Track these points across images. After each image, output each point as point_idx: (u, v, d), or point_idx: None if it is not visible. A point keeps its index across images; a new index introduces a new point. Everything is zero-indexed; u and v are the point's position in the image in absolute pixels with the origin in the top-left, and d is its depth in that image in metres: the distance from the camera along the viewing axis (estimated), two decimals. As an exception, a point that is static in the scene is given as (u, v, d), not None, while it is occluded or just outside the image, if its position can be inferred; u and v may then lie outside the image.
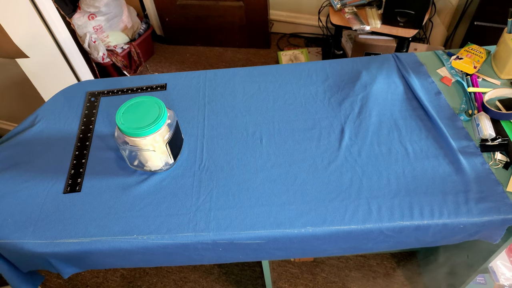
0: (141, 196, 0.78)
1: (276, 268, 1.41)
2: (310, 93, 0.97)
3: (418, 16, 1.54)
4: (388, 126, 0.88)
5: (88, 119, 0.95)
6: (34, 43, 1.33)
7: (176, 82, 1.03)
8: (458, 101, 0.92)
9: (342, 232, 0.72)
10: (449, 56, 1.03)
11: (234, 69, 1.05)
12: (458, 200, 0.73)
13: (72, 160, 0.86)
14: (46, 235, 0.73)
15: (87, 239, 0.72)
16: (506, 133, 0.83)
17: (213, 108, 0.96)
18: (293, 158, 0.83)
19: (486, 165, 0.78)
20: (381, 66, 1.02)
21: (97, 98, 1.00)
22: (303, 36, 2.40)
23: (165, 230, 0.73)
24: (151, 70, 2.31)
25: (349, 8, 1.70)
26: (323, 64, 1.05)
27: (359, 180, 0.78)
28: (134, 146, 0.75)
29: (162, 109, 0.76)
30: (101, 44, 1.98)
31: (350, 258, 1.43)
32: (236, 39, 2.36)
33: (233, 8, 2.19)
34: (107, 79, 1.06)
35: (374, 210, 0.73)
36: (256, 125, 0.91)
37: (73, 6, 1.97)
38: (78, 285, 1.42)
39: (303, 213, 0.73)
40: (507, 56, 0.93)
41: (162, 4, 2.27)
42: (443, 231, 0.73)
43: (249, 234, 0.72)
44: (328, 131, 0.88)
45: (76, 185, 0.81)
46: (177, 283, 1.40)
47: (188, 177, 0.81)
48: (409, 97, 0.94)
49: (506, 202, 0.72)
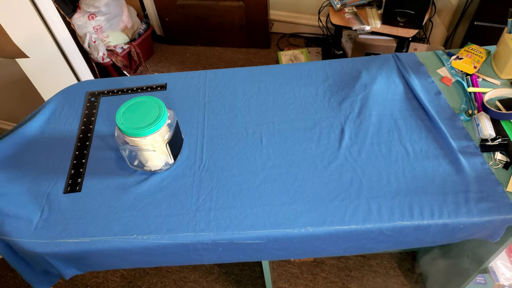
0: (141, 196, 0.78)
1: (276, 268, 1.41)
2: (310, 93, 0.97)
3: (418, 16, 1.54)
4: (388, 126, 0.88)
5: (88, 119, 0.95)
6: (34, 43, 1.33)
7: (176, 82, 1.03)
8: (458, 101, 0.92)
9: (342, 232, 0.72)
10: (449, 56, 1.03)
11: (234, 69, 1.05)
12: (458, 200, 0.73)
13: (72, 160, 0.86)
14: (47, 235, 0.73)
15: (87, 239, 0.72)
16: (506, 133, 0.83)
17: (213, 108, 0.96)
18: (293, 158, 0.83)
19: (486, 165, 0.78)
20: (381, 66, 1.02)
21: (97, 98, 1.00)
22: (303, 36, 2.40)
23: (165, 230, 0.73)
24: (151, 70, 2.31)
25: (349, 8, 1.70)
26: (323, 64, 1.05)
27: (359, 180, 0.78)
28: (134, 146, 0.75)
29: (162, 109, 0.76)
30: (101, 44, 1.98)
31: (350, 258, 1.43)
32: (236, 39, 2.36)
33: (233, 8, 2.19)
34: (107, 79, 1.06)
35: (374, 210, 0.73)
36: (256, 125, 0.91)
37: (73, 6, 1.98)
38: (78, 285, 1.42)
39: (303, 213, 0.73)
40: (507, 56, 0.93)
41: (162, 4, 2.27)
42: (443, 231, 0.73)
43: (249, 234, 0.72)
44: (328, 131, 0.88)
45: (76, 185, 0.81)
46: (177, 283, 1.40)
47: (188, 177, 0.81)
48: (409, 97, 0.94)
49: (506, 202, 0.72)
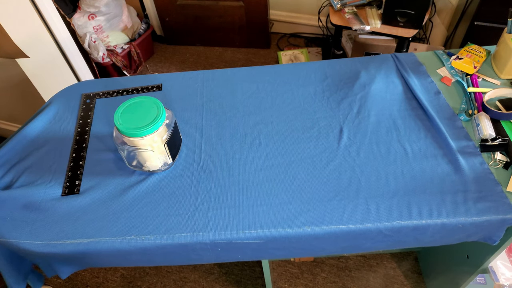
0: (140, 196, 0.78)
1: (276, 268, 1.41)
2: (309, 93, 0.97)
3: (418, 16, 1.54)
4: (387, 126, 0.88)
5: (84, 121, 0.94)
6: (34, 43, 1.33)
7: (174, 82, 1.03)
8: (458, 101, 0.92)
9: (340, 231, 0.71)
10: (449, 56, 1.03)
11: (233, 69, 1.05)
12: (457, 199, 0.73)
13: (69, 162, 0.85)
14: (43, 236, 0.73)
15: (85, 240, 0.72)
16: (506, 133, 0.83)
17: (211, 108, 0.96)
18: (291, 158, 0.83)
19: (485, 165, 0.78)
20: (380, 66, 1.01)
21: (93, 100, 1.00)
22: (303, 36, 2.40)
23: (163, 230, 0.73)
24: (151, 70, 2.31)
25: (349, 8, 1.70)
26: (321, 64, 1.05)
27: (358, 179, 0.78)
28: (132, 146, 0.75)
29: (161, 109, 0.76)
30: (101, 44, 1.98)
31: (350, 258, 1.43)
32: (236, 39, 2.36)
33: (233, 8, 2.19)
34: (104, 80, 1.06)
35: (373, 209, 0.73)
36: (255, 125, 0.90)
37: (73, 6, 1.98)
38: (78, 285, 1.42)
39: (301, 212, 0.73)
40: (507, 56, 0.93)
41: (162, 4, 2.27)
42: (442, 231, 0.72)
43: (248, 234, 0.72)
44: (326, 131, 0.88)
45: (74, 187, 0.80)
46: (177, 283, 1.40)
47: (186, 177, 0.81)
48: (408, 97, 0.94)
49: (505, 202, 0.72)
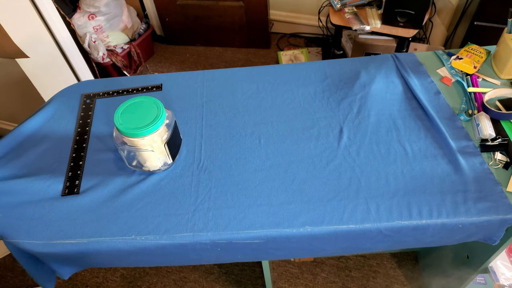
0: (140, 196, 0.78)
1: (276, 268, 1.41)
2: (309, 93, 0.97)
3: (418, 16, 1.54)
4: (387, 126, 0.88)
5: (84, 121, 0.94)
6: (34, 43, 1.33)
7: (174, 82, 1.03)
8: (458, 101, 0.92)
9: (340, 231, 0.71)
10: (449, 56, 1.03)
11: (232, 69, 1.05)
12: (457, 199, 0.73)
13: (69, 162, 0.85)
14: (41, 235, 0.73)
15: (85, 239, 0.72)
16: (506, 133, 0.82)
17: (211, 108, 0.96)
18: (291, 158, 0.83)
19: (485, 165, 0.78)
20: (380, 66, 1.01)
21: (92, 100, 1.00)
22: (303, 36, 2.40)
23: (163, 230, 0.72)
24: (151, 70, 2.31)
25: (349, 8, 1.70)
26: (321, 64, 1.05)
27: (358, 179, 0.78)
28: (132, 146, 0.75)
29: (161, 109, 0.76)
30: (101, 44, 1.98)
31: (350, 258, 1.43)
32: (236, 39, 2.36)
33: (233, 8, 2.19)
34: (104, 79, 1.06)
35: (373, 209, 0.73)
36: (255, 125, 0.90)
37: (73, 6, 1.98)
38: (78, 285, 1.42)
39: (301, 212, 0.73)
40: (507, 56, 0.93)
41: (162, 4, 2.27)
42: (442, 231, 0.72)
43: (248, 234, 0.72)
44: (326, 131, 0.88)
45: (74, 187, 0.80)
46: (177, 283, 1.40)
47: (186, 177, 0.81)
48: (408, 97, 0.94)
49: (505, 202, 0.72)
